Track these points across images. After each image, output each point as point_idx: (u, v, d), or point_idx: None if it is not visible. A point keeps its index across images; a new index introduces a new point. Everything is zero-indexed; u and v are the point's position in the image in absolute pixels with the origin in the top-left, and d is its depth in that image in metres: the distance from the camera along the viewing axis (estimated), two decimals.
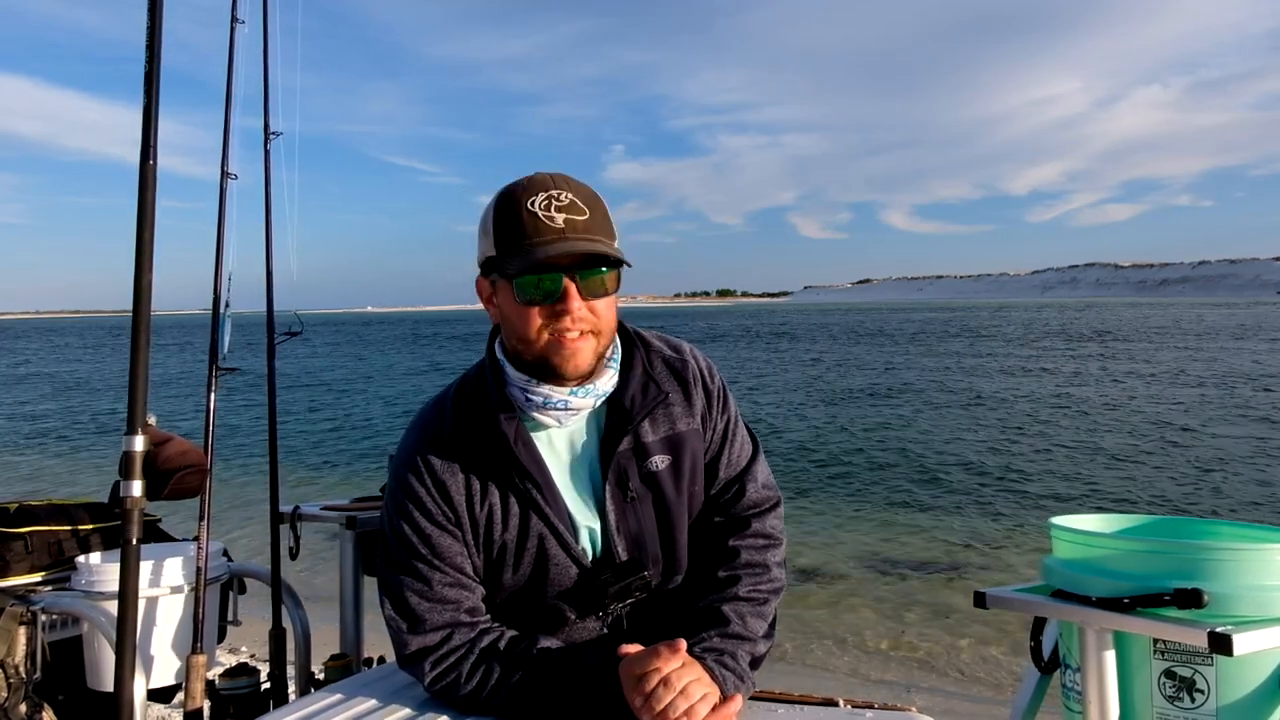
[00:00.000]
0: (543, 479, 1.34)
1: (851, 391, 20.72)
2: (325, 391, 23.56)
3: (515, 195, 1.27)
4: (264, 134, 2.69)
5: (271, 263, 2.73)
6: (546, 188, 1.27)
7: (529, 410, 1.34)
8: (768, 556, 1.43)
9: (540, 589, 1.38)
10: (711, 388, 1.46)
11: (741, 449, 1.48)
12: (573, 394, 1.32)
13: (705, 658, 1.28)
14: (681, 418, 1.41)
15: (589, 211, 1.27)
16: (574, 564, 1.37)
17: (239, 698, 2.34)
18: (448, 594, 1.33)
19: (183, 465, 2.38)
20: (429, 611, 1.32)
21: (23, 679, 2.25)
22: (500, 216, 1.27)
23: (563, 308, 1.26)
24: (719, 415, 1.46)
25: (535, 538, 1.35)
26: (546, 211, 1.24)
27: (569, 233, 1.24)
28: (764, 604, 1.39)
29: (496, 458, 1.34)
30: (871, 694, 4.42)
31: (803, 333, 56.25)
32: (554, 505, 1.35)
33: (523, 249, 1.24)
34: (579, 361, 1.30)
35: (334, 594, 2.56)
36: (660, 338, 1.49)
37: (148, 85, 2.00)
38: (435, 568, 1.33)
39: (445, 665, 1.31)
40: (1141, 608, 1.42)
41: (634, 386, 1.38)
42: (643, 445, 1.39)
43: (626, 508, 1.38)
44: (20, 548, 2.39)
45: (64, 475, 12.58)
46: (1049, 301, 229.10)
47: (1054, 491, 9.71)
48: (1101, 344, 35.83)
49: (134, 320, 1.99)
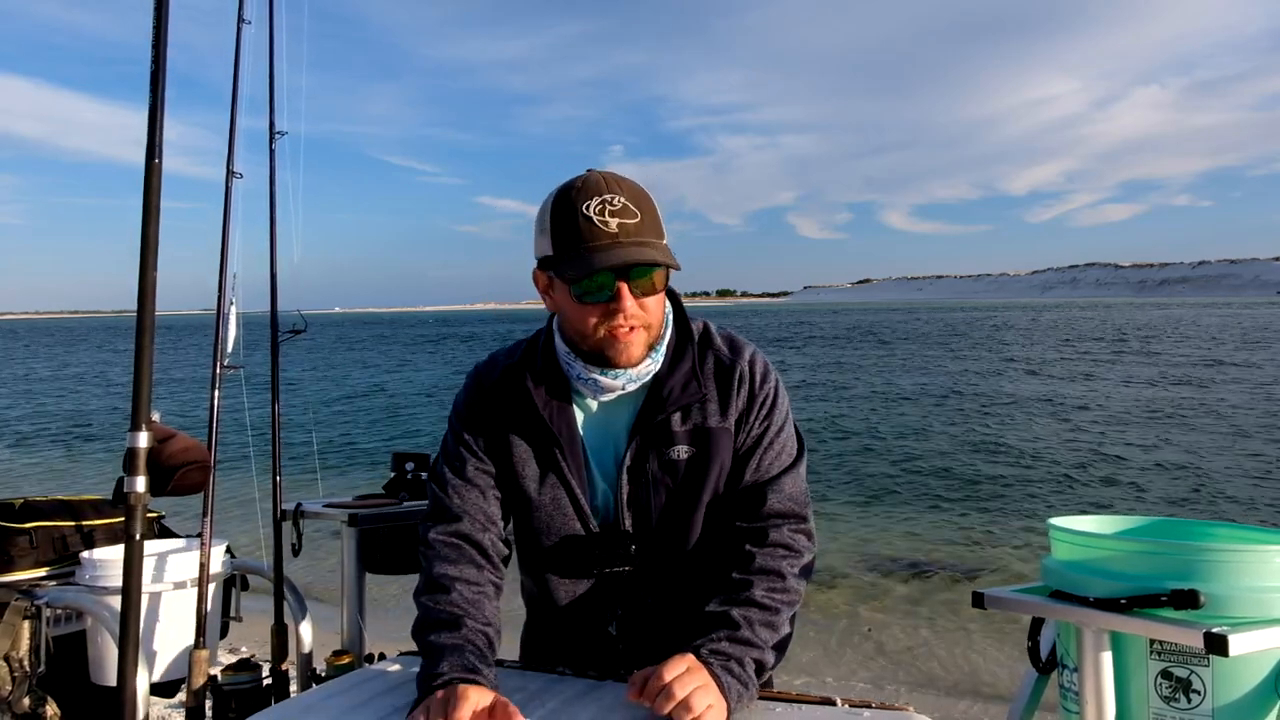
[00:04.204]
0: (568, 441, 1.46)
1: (851, 392, 20.72)
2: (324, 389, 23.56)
3: (571, 198, 1.35)
4: (269, 133, 2.70)
5: (275, 262, 2.74)
6: (600, 191, 1.35)
7: (570, 379, 1.47)
8: (784, 565, 1.40)
9: (552, 544, 1.50)
10: (758, 393, 1.48)
11: (776, 459, 1.49)
12: (603, 373, 1.43)
13: (711, 662, 1.26)
14: (714, 415, 1.47)
15: (640, 214, 1.36)
16: (581, 525, 1.48)
17: (241, 693, 2.34)
18: (477, 479, 1.48)
19: (186, 461, 2.39)
20: (457, 489, 1.48)
21: (27, 673, 2.26)
22: (557, 219, 1.36)
23: (616, 307, 1.37)
24: (758, 420, 1.48)
25: (551, 492, 1.48)
26: (601, 216, 1.33)
27: (622, 237, 1.33)
28: (776, 613, 1.36)
29: (529, 412, 1.47)
30: (869, 693, 4.43)
31: (803, 333, 56.21)
32: (573, 466, 1.47)
33: (579, 254, 1.33)
34: (631, 353, 1.41)
35: (336, 591, 2.57)
36: (729, 338, 1.54)
37: (153, 84, 2.01)
38: (472, 455, 1.50)
39: (429, 558, 1.45)
40: (1138, 608, 1.43)
41: (676, 379, 1.46)
42: (669, 433, 1.46)
43: (639, 489, 1.46)
44: (25, 543, 2.40)
45: (68, 472, 12.60)
46: (1049, 301, 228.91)
47: (1053, 492, 9.72)
48: (1102, 345, 35.81)
49: (138, 318, 1.99)
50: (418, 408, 19.99)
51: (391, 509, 2.58)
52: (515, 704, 1.22)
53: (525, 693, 1.33)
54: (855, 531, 8.23)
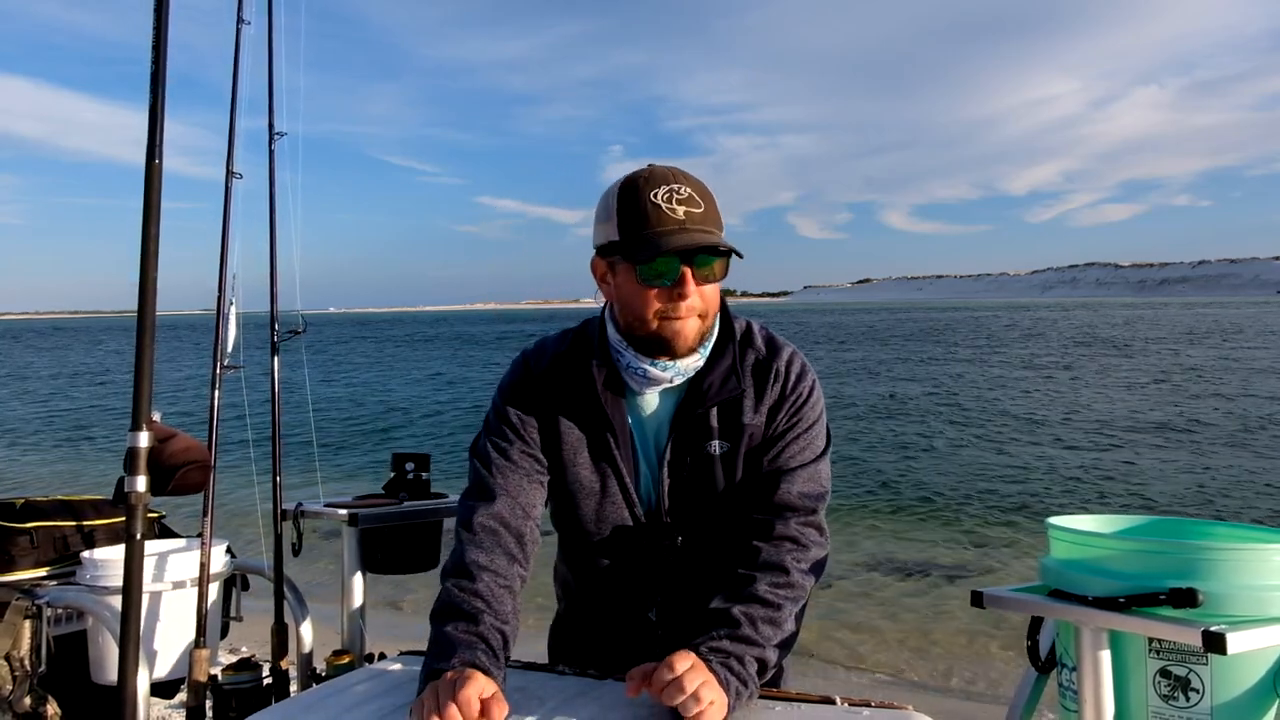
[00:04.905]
0: (621, 430, 1.49)
1: (851, 392, 20.72)
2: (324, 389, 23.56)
3: (639, 186, 1.40)
4: (269, 134, 2.71)
5: (275, 261, 2.75)
6: (667, 181, 1.40)
7: (619, 369, 1.50)
8: (789, 560, 1.40)
9: (600, 531, 1.54)
10: (789, 392, 1.52)
11: (799, 453, 1.50)
12: (653, 364, 1.46)
13: (711, 659, 1.25)
14: (749, 411, 1.50)
15: (704, 205, 1.41)
16: (627, 509, 1.52)
17: (241, 692, 2.35)
18: (523, 462, 1.49)
19: (187, 461, 2.39)
20: (501, 469, 1.48)
21: (28, 672, 2.27)
22: (625, 204, 1.40)
23: (679, 291, 1.39)
24: (786, 416, 1.51)
25: (601, 476, 1.51)
26: (668, 203, 1.37)
27: (688, 224, 1.38)
28: (778, 609, 1.36)
29: (587, 399, 1.49)
30: (868, 692, 4.44)
31: (803, 333, 56.19)
32: (625, 456, 1.50)
33: (647, 238, 1.37)
34: (687, 338, 1.44)
35: (336, 591, 2.57)
36: (769, 338, 1.57)
37: (153, 85, 2.01)
38: (519, 437, 1.50)
39: (464, 540, 1.43)
40: (1137, 607, 1.43)
41: (717, 374, 1.49)
42: (707, 428, 1.50)
43: (679, 483, 1.50)
44: (26, 543, 2.41)
45: (69, 471, 12.60)
46: (1050, 301, 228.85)
47: (1052, 492, 9.73)
48: (1101, 344, 35.80)
49: (139, 317, 2.00)
50: (418, 408, 19.99)
51: (392, 509, 2.58)
52: (514, 702, 1.23)
53: (524, 691, 1.33)
54: (855, 530, 8.24)
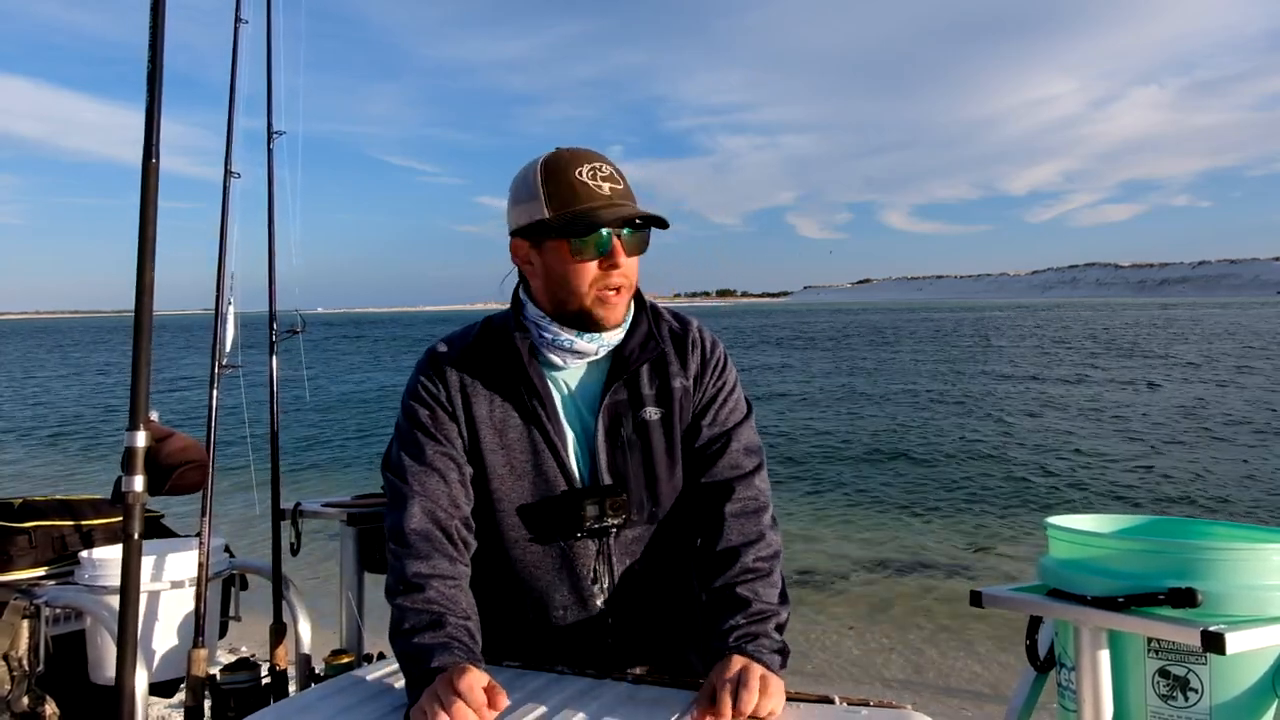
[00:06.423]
0: (547, 399, 1.49)
1: (850, 391, 20.72)
2: (323, 388, 23.56)
3: (562, 165, 1.42)
4: (267, 133, 2.70)
5: (274, 261, 2.74)
6: (589, 160, 1.44)
7: (540, 347, 1.49)
8: (761, 524, 1.47)
9: (530, 504, 1.49)
10: (709, 356, 1.57)
11: (731, 413, 1.56)
12: (579, 336, 1.47)
13: (745, 647, 1.31)
14: (676, 375, 1.53)
15: (622, 182, 1.46)
16: (564, 480, 1.48)
17: (240, 692, 2.35)
18: (437, 463, 1.45)
19: (184, 461, 2.39)
20: (417, 475, 1.44)
21: (26, 672, 2.26)
22: (551, 184, 1.42)
23: (611, 263, 1.42)
24: (712, 380, 1.56)
25: (532, 450, 1.49)
26: (594, 180, 1.42)
27: (614, 199, 1.42)
28: (770, 573, 1.43)
29: (510, 373, 1.49)
30: (867, 691, 4.44)
31: (804, 333, 56.20)
32: (555, 428, 1.49)
33: (580, 213, 1.40)
34: (619, 312, 1.47)
35: (334, 590, 2.57)
36: (673, 313, 1.62)
37: (150, 84, 2.01)
38: (431, 438, 1.47)
39: (399, 555, 1.39)
40: (1136, 607, 1.43)
41: (635, 340, 1.52)
42: (639, 395, 1.52)
43: (616, 452, 1.50)
44: (24, 542, 2.40)
45: (67, 471, 12.59)
46: (1049, 301, 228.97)
47: (1051, 491, 9.73)
48: (1101, 344, 35.82)
49: (136, 318, 1.99)
50: None
51: None
52: (514, 702, 1.23)
53: (524, 692, 1.33)
54: (854, 530, 8.24)
